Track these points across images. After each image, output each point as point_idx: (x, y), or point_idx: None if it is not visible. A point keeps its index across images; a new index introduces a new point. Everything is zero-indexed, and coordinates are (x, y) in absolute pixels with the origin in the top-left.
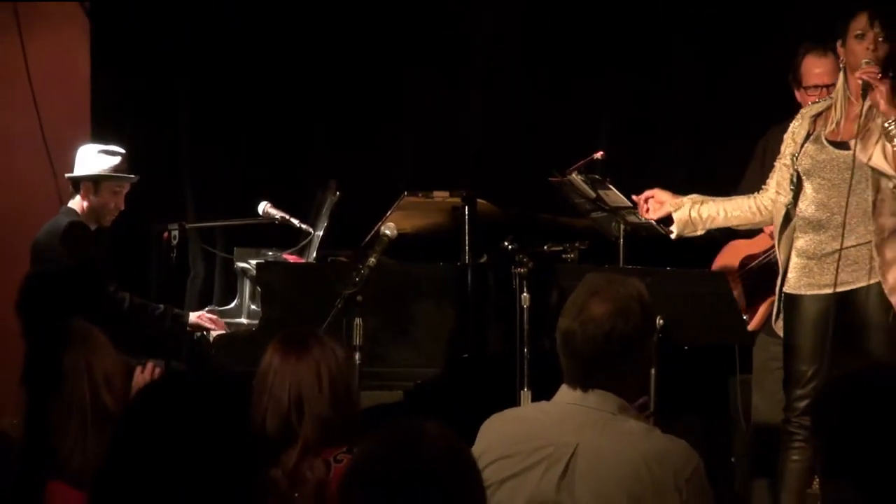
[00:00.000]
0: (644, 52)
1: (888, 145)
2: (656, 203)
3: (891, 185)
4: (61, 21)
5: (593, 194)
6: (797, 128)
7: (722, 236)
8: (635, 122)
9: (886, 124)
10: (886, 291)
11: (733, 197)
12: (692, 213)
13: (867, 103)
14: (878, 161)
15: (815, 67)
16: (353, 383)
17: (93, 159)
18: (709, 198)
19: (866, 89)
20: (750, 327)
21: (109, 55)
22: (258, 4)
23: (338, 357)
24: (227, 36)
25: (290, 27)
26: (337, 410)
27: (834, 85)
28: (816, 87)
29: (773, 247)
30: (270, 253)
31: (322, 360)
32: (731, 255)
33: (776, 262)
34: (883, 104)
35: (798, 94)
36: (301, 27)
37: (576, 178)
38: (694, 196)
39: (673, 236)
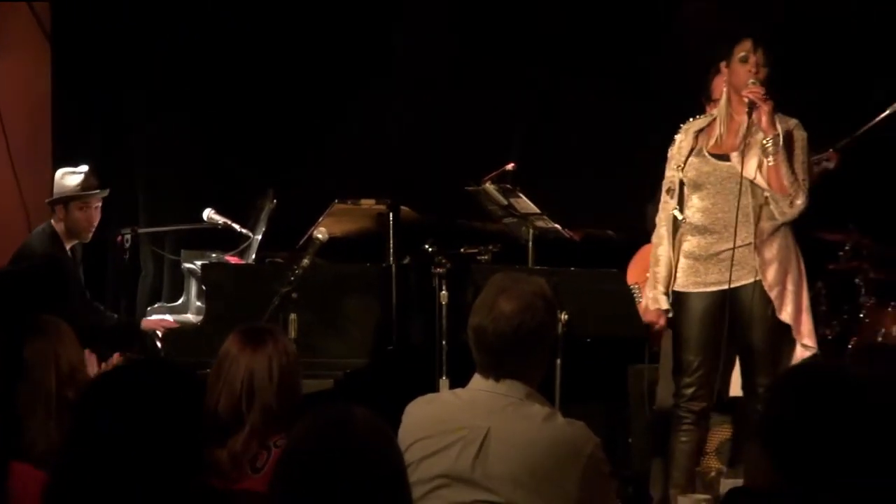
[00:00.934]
0: (553, 68)
1: (764, 160)
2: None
3: (765, 194)
4: (23, 47)
5: (505, 202)
6: (682, 142)
7: (628, 240)
8: (544, 136)
9: (765, 141)
10: (766, 287)
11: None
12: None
13: (750, 120)
14: (753, 174)
15: (723, 85)
16: (299, 378)
17: (61, 181)
18: (663, 263)
19: (752, 107)
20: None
21: (69, 78)
22: (203, 24)
23: (289, 353)
24: (175, 57)
25: (232, 46)
26: (283, 401)
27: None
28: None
29: None
30: (214, 255)
31: (275, 354)
32: (642, 258)
33: None
34: (765, 122)
35: (709, 108)
36: (241, 46)
37: (489, 187)
38: (662, 281)
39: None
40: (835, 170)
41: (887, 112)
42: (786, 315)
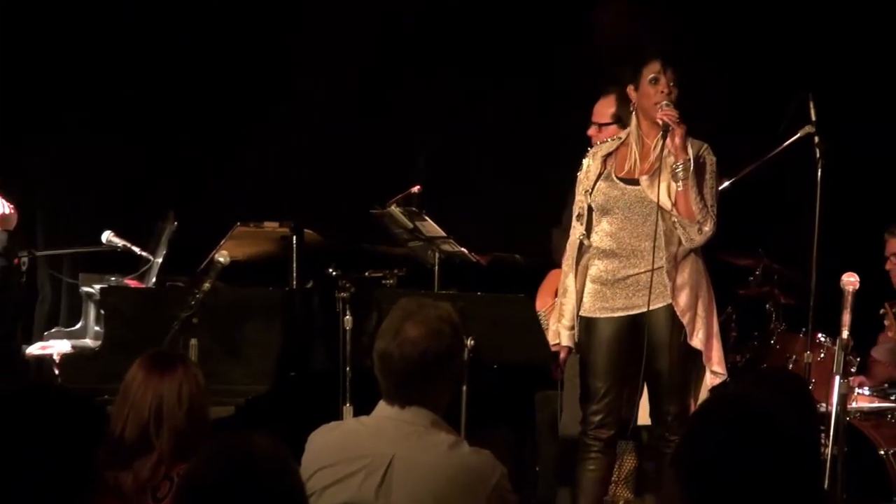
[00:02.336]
0: (461, 90)
1: (674, 185)
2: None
3: (674, 220)
4: None
5: (411, 225)
6: (590, 166)
7: (536, 265)
8: (451, 158)
9: (675, 166)
10: (678, 313)
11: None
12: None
13: (659, 143)
14: (663, 199)
15: (607, 108)
16: (208, 404)
17: None
18: (570, 294)
19: (666, 130)
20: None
21: None
22: (102, 45)
23: (198, 380)
24: (74, 77)
25: (132, 67)
26: (193, 427)
27: (607, 124)
28: (594, 123)
29: None
30: (113, 278)
31: (185, 380)
32: (550, 284)
33: None
34: (678, 146)
35: (591, 132)
36: (142, 66)
37: (395, 210)
38: (568, 315)
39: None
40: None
41: (798, 135)
42: (697, 341)
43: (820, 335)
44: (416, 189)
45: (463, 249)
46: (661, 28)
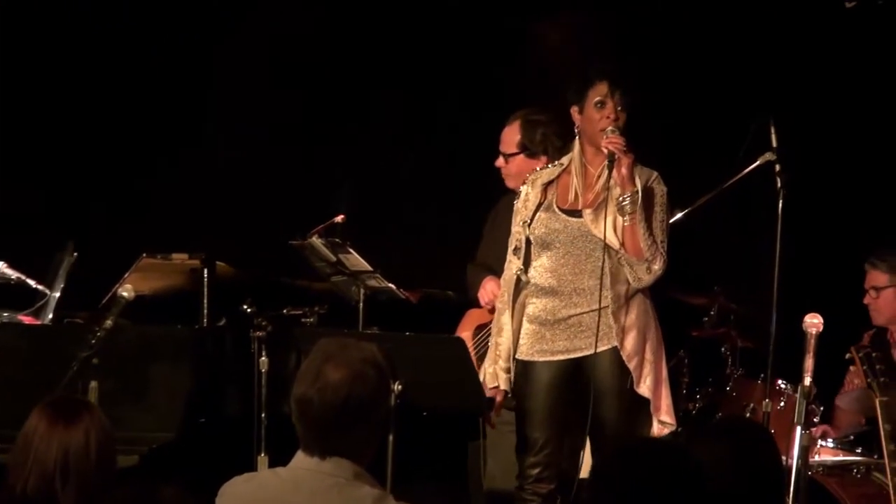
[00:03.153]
0: (385, 118)
1: (620, 219)
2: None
3: (620, 258)
4: None
5: (334, 258)
6: (529, 195)
7: (471, 304)
8: (378, 186)
9: (621, 199)
10: (625, 357)
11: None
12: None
13: (605, 172)
14: (609, 235)
15: (514, 136)
16: (115, 453)
17: None
18: (506, 333)
19: (612, 160)
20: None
21: None
22: (6, 68)
23: (105, 427)
24: None
25: (35, 91)
26: (101, 478)
27: (513, 154)
28: (500, 153)
29: None
30: (6, 314)
31: (92, 428)
32: (467, 323)
33: None
34: (624, 177)
35: (499, 163)
36: (44, 91)
37: (316, 241)
38: (504, 355)
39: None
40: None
41: (758, 163)
42: (644, 388)
43: (780, 382)
44: (339, 219)
45: (390, 285)
46: (608, 47)
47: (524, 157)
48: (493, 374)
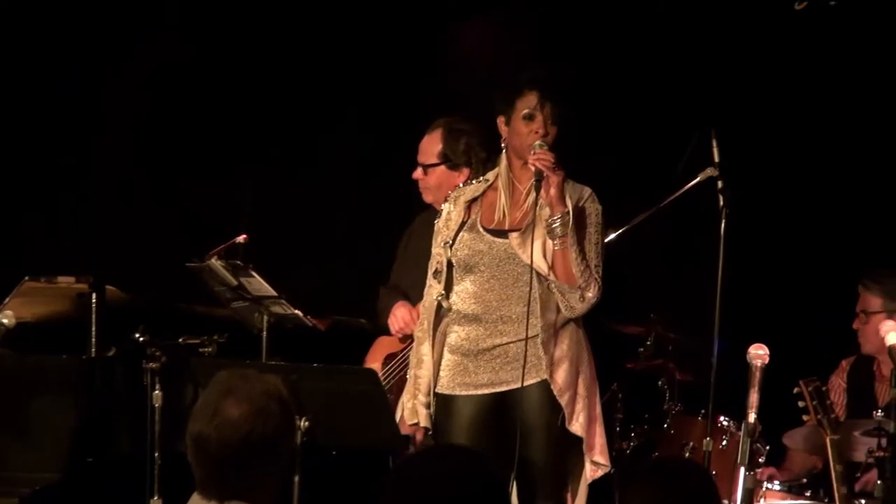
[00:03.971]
0: (291, 132)
1: (549, 242)
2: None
3: (551, 285)
4: None
5: (235, 282)
6: (451, 213)
7: (385, 332)
8: (283, 203)
9: (551, 221)
10: (556, 392)
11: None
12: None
13: (535, 190)
14: (538, 260)
15: (433, 147)
16: None
17: None
18: (427, 365)
19: (539, 178)
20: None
21: None
22: None
23: None
24: None
25: None
26: None
27: (433, 165)
28: (419, 165)
29: (412, 343)
30: None
31: None
32: (377, 352)
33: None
34: (553, 197)
35: (416, 175)
36: None
37: (215, 263)
38: (424, 389)
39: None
40: None
41: (699, 179)
42: (577, 426)
43: (722, 418)
44: (241, 239)
45: (297, 312)
46: (538, 55)
47: (445, 168)
48: (412, 410)
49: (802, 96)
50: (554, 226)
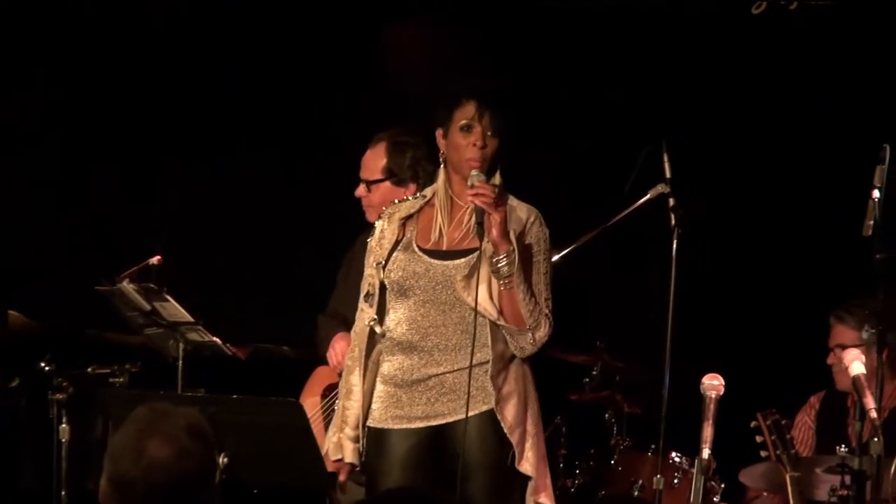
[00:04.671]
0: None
1: (495, 282)
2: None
3: (500, 326)
4: None
5: (148, 307)
6: (384, 231)
7: (309, 360)
8: (198, 223)
9: (496, 260)
10: (506, 430)
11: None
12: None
13: (477, 235)
14: (486, 303)
15: (376, 161)
16: None
17: None
18: (356, 396)
19: (480, 220)
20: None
21: None
22: None
23: None
24: None
25: None
26: None
27: (377, 181)
28: (362, 181)
29: None
30: None
31: None
32: (315, 383)
33: None
34: (496, 236)
35: (359, 190)
36: None
37: (127, 286)
38: (352, 422)
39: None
40: None
41: (648, 196)
42: (528, 466)
43: (674, 454)
44: (155, 260)
45: (215, 339)
46: (480, 64)
47: (391, 184)
48: (337, 445)
49: (761, 106)
50: (500, 265)
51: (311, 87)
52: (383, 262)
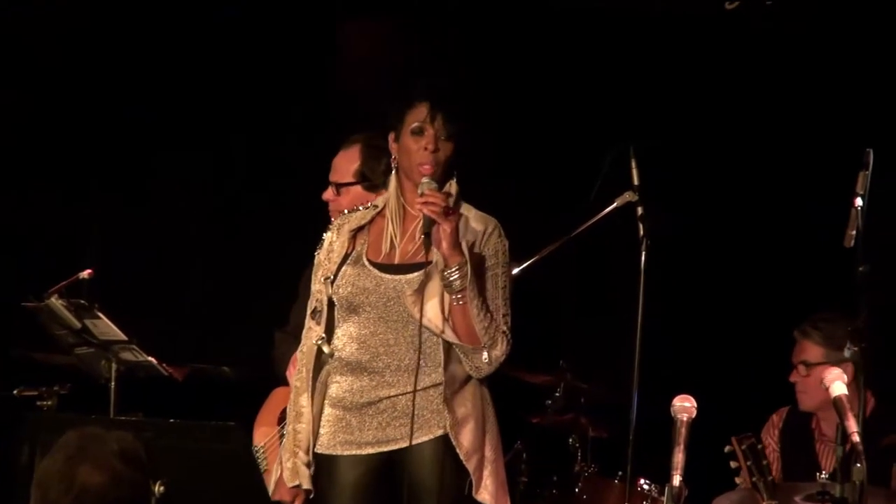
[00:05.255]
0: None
1: (447, 296)
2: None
3: (444, 335)
4: None
5: (78, 324)
6: (333, 244)
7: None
8: (132, 234)
9: (447, 273)
10: (462, 456)
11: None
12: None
13: (424, 246)
14: (435, 319)
15: (349, 164)
16: None
17: None
18: (307, 418)
19: (429, 230)
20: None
21: None
22: None
23: None
24: None
25: None
26: None
27: (349, 184)
28: (332, 184)
29: None
30: None
31: None
32: (273, 405)
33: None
34: (446, 248)
35: (325, 194)
36: None
37: (56, 302)
38: (304, 446)
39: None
40: None
41: (615, 205)
42: (486, 495)
43: (643, 481)
44: (86, 274)
45: (150, 359)
46: (436, 64)
47: (362, 189)
48: (293, 470)
49: (734, 109)
50: (451, 279)
51: (254, 95)
52: (332, 277)
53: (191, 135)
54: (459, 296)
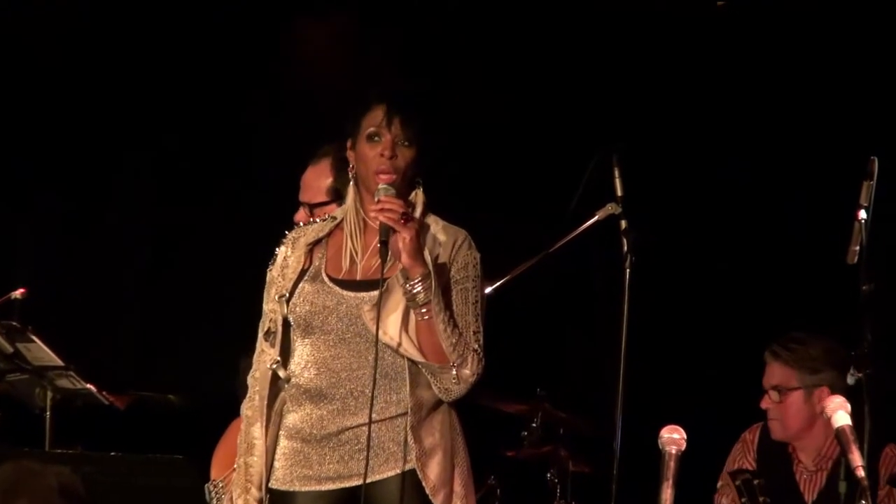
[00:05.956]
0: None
1: (412, 313)
2: None
3: (413, 355)
4: None
5: (10, 348)
6: (288, 259)
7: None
8: (69, 252)
9: (409, 286)
10: (429, 490)
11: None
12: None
13: (380, 256)
14: (391, 331)
15: (321, 180)
16: None
17: None
18: (259, 450)
19: (386, 238)
20: None
21: None
22: None
23: None
24: None
25: None
26: None
27: (322, 204)
28: (303, 204)
29: None
30: None
31: None
32: (233, 437)
33: None
34: (407, 259)
35: (300, 205)
36: None
37: None
38: (257, 480)
39: None
40: None
41: (597, 218)
42: None
43: None
44: (18, 293)
45: (89, 386)
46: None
47: (338, 207)
48: None
49: (724, 115)
50: (414, 291)
51: (193, 93)
52: (287, 295)
53: (131, 150)
54: (424, 310)
